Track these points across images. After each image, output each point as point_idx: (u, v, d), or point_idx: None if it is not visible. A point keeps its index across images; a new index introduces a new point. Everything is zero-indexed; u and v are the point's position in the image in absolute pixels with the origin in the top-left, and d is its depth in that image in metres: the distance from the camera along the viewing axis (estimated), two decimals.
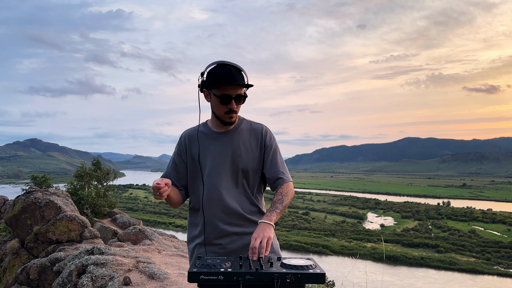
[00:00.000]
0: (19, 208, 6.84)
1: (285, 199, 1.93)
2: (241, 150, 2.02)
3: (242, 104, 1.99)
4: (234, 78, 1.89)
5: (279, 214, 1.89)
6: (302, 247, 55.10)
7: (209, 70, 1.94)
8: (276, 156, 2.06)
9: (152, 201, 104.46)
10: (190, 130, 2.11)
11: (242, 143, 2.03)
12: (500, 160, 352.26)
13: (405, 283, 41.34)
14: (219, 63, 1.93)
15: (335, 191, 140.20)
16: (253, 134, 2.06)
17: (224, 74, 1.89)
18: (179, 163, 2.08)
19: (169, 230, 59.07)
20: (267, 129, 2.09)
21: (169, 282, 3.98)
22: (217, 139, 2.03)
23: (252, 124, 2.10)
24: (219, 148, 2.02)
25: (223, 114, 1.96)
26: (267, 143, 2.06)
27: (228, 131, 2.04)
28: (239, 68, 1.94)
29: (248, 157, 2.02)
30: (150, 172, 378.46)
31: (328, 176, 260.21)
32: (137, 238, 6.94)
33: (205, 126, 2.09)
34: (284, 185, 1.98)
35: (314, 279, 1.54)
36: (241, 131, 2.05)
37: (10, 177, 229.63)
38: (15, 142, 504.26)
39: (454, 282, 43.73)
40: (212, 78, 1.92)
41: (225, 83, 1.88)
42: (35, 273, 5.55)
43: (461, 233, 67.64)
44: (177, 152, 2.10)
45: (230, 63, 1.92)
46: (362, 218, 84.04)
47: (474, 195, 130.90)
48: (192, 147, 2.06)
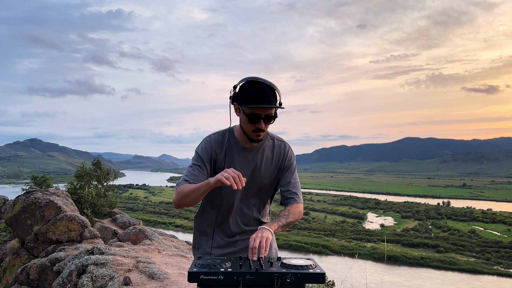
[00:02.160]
0: (19, 208, 6.84)
1: (290, 217, 1.95)
2: (262, 169, 2.04)
3: (271, 124, 1.96)
4: (265, 99, 1.84)
5: (280, 228, 1.91)
6: (302, 247, 55.15)
7: (242, 85, 1.90)
8: (293, 176, 2.08)
9: (152, 201, 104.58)
10: (218, 136, 2.06)
11: (265, 162, 2.05)
12: (500, 160, 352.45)
13: (413, 284, 41.27)
14: (253, 79, 1.88)
15: (335, 191, 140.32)
16: (275, 152, 2.08)
17: (256, 93, 1.85)
18: (201, 167, 2.01)
19: (169, 230, 59.06)
20: (289, 148, 2.11)
21: (169, 282, 3.98)
22: (243, 154, 2.03)
23: (275, 141, 2.10)
24: (242, 164, 2.02)
25: (251, 132, 1.93)
26: (286, 163, 2.08)
27: (253, 147, 2.03)
28: (272, 86, 1.88)
29: (266, 176, 2.06)
30: (150, 172, 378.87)
31: (328, 176, 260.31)
32: (137, 238, 6.95)
33: (231, 136, 2.05)
34: (294, 204, 2.01)
35: (314, 279, 1.54)
36: (265, 148, 2.06)
37: (10, 177, 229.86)
38: (15, 142, 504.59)
39: (461, 283, 43.70)
40: (243, 94, 1.88)
41: (255, 102, 1.84)
42: (35, 273, 5.55)
43: (461, 233, 67.70)
44: (202, 157, 2.02)
45: (264, 81, 1.87)
46: (362, 218, 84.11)
47: (474, 195, 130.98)
48: (218, 155, 2.03)
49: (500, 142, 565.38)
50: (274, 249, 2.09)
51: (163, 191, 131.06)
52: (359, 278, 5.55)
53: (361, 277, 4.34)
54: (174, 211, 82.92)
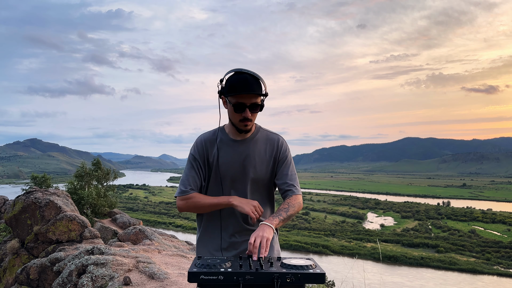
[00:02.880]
0: (19, 208, 6.84)
1: (290, 209, 1.96)
2: (255, 160, 2.05)
3: (258, 112, 1.99)
4: (249, 87, 1.89)
5: (281, 222, 1.91)
6: (302, 247, 55.13)
7: (227, 78, 1.96)
8: (289, 168, 2.08)
9: (152, 201, 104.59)
10: (208, 134, 2.11)
11: (257, 153, 2.06)
12: (500, 160, 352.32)
13: (416, 284, 41.22)
14: (236, 70, 1.94)
15: (335, 191, 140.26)
16: (268, 145, 2.09)
17: (240, 82, 1.90)
18: (198, 167, 2.07)
19: (169, 230, 59.07)
20: (283, 141, 2.12)
21: (169, 282, 3.98)
22: (233, 146, 2.05)
23: (269, 134, 2.12)
24: (234, 155, 2.04)
25: (238, 122, 1.97)
26: (281, 155, 2.09)
27: (244, 139, 2.06)
28: (256, 76, 1.93)
29: (261, 168, 2.06)
30: (150, 172, 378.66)
31: (328, 176, 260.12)
32: (137, 238, 6.95)
33: (222, 132, 2.09)
34: (293, 196, 2.02)
35: (314, 279, 1.54)
36: (257, 140, 2.07)
37: (10, 177, 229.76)
38: (15, 142, 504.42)
39: (463, 283, 43.66)
40: (228, 85, 1.93)
41: (239, 91, 1.89)
42: (35, 273, 5.55)
43: (461, 233, 67.67)
44: (196, 156, 2.07)
45: (247, 71, 1.92)
46: (362, 218, 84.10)
47: (474, 195, 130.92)
48: (210, 152, 2.07)
49: (500, 142, 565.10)
50: (277, 251, 2.08)
51: (163, 191, 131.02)
52: (360, 278, 5.55)
53: (362, 277, 4.34)
54: (174, 211, 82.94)
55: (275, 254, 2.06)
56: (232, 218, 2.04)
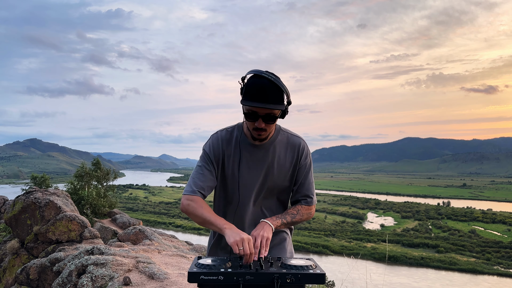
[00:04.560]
0: (19, 208, 6.84)
1: (298, 216, 1.89)
2: (274, 168, 1.89)
3: (273, 123, 1.78)
4: (264, 97, 1.66)
5: (283, 225, 1.85)
6: (302, 247, 55.11)
7: (248, 78, 1.74)
8: (308, 176, 1.95)
9: (152, 201, 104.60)
10: (226, 133, 1.92)
11: (277, 159, 1.89)
12: (500, 160, 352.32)
13: (423, 285, 41.17)
14: (256, 73, 1.70)
15: (335, 191, 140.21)
16: (289, 149, 1.92)
17: (255, 89, 1.67)
18: (211, 167, 1.90)
19: (169, 230, 59.06)
20: (304, 145, 1.95)
21: (169, 282, 3.97)
22: (252, 152, 1.88)
23: (290, 137, 1.94)
24: (253, 163, 1.89)
25: (252, 129, 1.79)
26: (302, 162, 1.93)
27: (263, 144, 1.88)
28: (276, 83, 1.68)
29: (279, 176, 1.91)
30: (150, 172, 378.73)
31: (328, 176, 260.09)
32: (137, 238, 6.94)
33: (241, 133, 1.91)
34: (305, 206, 1.94)
35: (314, 279, 1.54)
36: (277, 145, 1.90)
37: (10, 177, 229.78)
38: (15, 142, 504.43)
39: (470, 284, 43.61)
40: (245, 88, 1.71)
41: (253, 99, 1.68)
42: (35, 273, 5.55)
43: (461, 233, 67.68)
44: (210, 156, 1.90)
45: (268, 76, 1.67)
46: (362, 218, 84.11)
47: (474, 195, 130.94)
48: (226, 153, 1.90)
49: (500, 142, 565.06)
50: (289, 253, 1.98)
51: (163, 191, 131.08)
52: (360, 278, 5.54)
53: (363, 277, 4.33)
54: (174, 211, 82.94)
55: (288, 255, 1.96)
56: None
